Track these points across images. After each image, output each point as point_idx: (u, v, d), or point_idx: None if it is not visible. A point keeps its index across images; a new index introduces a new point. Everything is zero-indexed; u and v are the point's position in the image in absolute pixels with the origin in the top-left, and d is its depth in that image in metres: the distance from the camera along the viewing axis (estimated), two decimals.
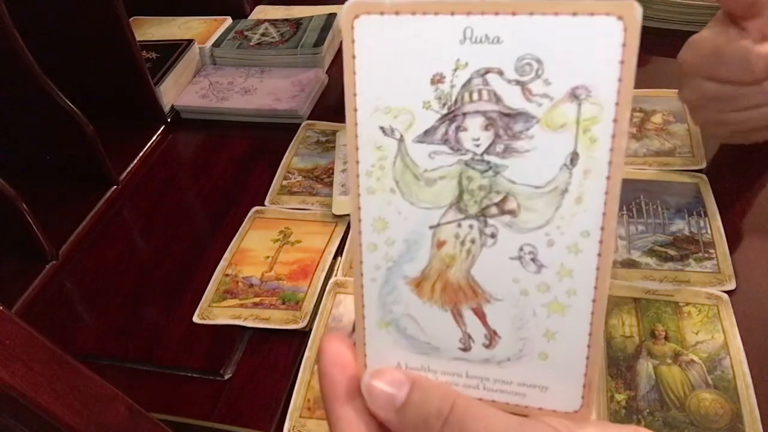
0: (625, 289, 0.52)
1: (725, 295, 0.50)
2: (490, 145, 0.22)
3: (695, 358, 0.47)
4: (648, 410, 0.44)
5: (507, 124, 0.22)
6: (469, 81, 0.22)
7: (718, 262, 0.53)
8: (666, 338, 0.48)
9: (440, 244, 0.24)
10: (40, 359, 0.32)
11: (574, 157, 0.21)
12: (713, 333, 0.48)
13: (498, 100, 0.21)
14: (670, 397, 0.45)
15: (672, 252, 0.54)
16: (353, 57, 0.22)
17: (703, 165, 0.62)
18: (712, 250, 0.54)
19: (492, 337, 0.24)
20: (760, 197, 0.59)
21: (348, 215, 0.62)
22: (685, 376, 0.46)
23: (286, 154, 0.72)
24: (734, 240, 0.55)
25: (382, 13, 0.22)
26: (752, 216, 0.58)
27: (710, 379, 0.45)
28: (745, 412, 0.43)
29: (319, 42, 0.84)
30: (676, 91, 0.71)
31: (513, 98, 0.21)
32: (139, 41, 0.74)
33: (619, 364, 0.47)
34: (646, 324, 0.49)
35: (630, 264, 0.54)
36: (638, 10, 0.20)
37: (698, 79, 0.52)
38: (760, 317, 0.49)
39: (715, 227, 0.56)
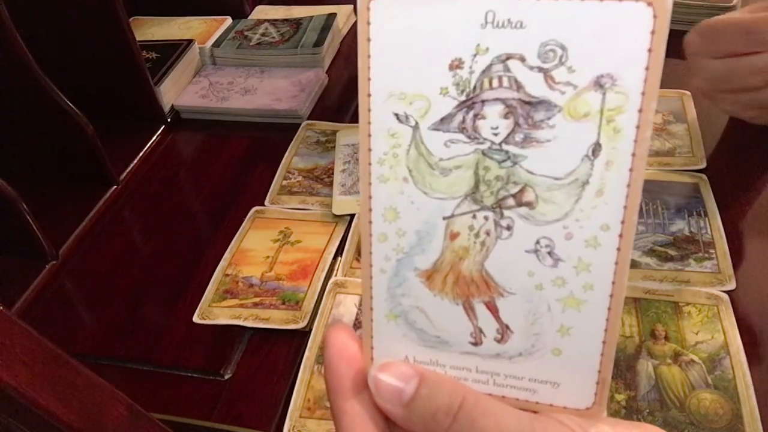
0: (625, 289, 0.52)
1: (725, 295, 0.50)
2: (509, 134, 0.21)
3: (695, 358, 0.47)
4: (648, 410, 0.44)
5: (528, 112, 0.21)
6: (489, 67, 0.21)
7: (718, 262, 0.53)
8: (666, 338, 0.48)
9: (453, 236, 0.23)
10: (40, 359, 0.32)
11: (596, 148, 0.21)
12: (713, 333, 0.48)
13: (519, 87, 0.21)
14: (670, 397, 0.45)
15: (672, 252, 0.54)
16: (368, 40, 0.21)
17: (703, 165, 0.62)
18: (712, 250, 0.54)
19: (504, 331, 0.24)
20: (760, 197, 0.59)
21: (348, 215, 0.62)
22: (685, 376, 0.46)
23: (286, 154, 0.71)
24: (734, 240, 0.55)
25: None
26: (752, 216, 0.58)
27: (710, 379, 0.45)
28: (745, 412, 0.43)
29: (319, 42, 0.84)
30: (677, 91, 0.71)
31: (535, 86, 0.21)
32: (139, 41, 0.74)
33: (619, 364, 0.47)
34: (646, 324, 0.49)
35: (630, 264, 0.53)
36: None
37: (703, 60, 0.52)
38: (760, 317, 0.49)
39: (715, 227, 0.56)
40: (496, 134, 0.21)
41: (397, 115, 0.22)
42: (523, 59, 0.20)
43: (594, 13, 0.19)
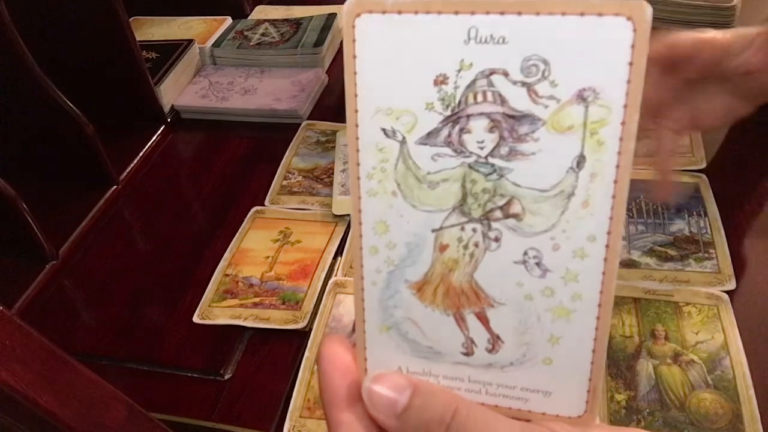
0: (625, 289, 0.52)
1: (725, 295, 0.50)
2: (494, 148, 0.22)
3: (695, 358, 0.47)
4: (648, 410, 0.44)
5: (512, 126, 0.21)
6: (473, 82, 0.21)
7: (718, 262, 0.53)
8: (666, 338, 0.48)
9: (443, 248, 0.23)
10: (40, 359, 0.32)
11: (580, 161, 0.21)
12: (713, 333, 0.48)
13: (503, 101, 0.21)
14: (670, 397, 0.45)
15: (672, 252, 0.54)
16: (354, 57, 0.22)
17: (703, 165, 0.62)
18: (712, 250, 0.54)
19: (495, 341, 0.24)
20: (760, 197, 0.59)
21: (348, 215, 0.62)
22: (685, 376, 0.46)
23: (286, 154, 0.72)
24: (734, 240, 0.55)
25: (384, 12, 0.21)
26: (752, 216, 0.58)
27: (710, 379, 0.45)
28: (745, 412, 0.43)
29: (319, 42, 0.84)
30: None
31: (518, 100, 0.21)
32: (139, 41, 0.74)
33: (619, 364, 0.47)
34: (646, 324, 0.49)
35: (630, 264, 0.54)
36: (648, 11, 0.19)
37: None
38: (760, 317, 0.49)
39: (715, 227, 0.56)
40: (481, 148, 0.22)
41: (384, 130, 0.22)
42: (506, 74, 0.21)
43: (575, 28, 0.20)
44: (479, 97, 0.21)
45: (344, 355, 0.25)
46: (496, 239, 0.23)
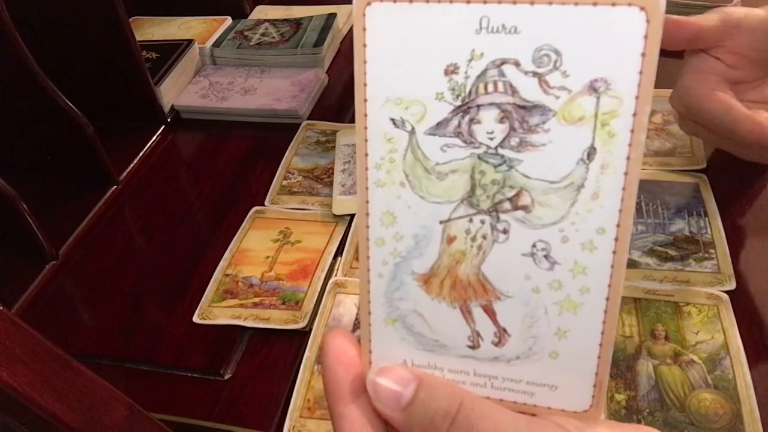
0: (625, 289, 0.51)
1: (725, 295, 0.50)
2: (504, 139, 0.22)
3: (695, 358, 0.47)
4: (648, 410, 0.44)
5: (523, 116, 0.21)
6: (484, 72, 0.21)
7: (718, 262, 0.53)
8: (666, 338, 0.48)
9: (450, 240, 0.23)
10: (40, 359, 0.32)
11: (591, 152, 0.21)
12: (713, 333, 0.48)
13: (514, 92, 0.21)
14: (670, 397, 0.45)
15: (672, 252, 0.54)
16: (364, 46, 0.22)
17: (703, 165, 0.62)
18: (712, 250, 0.54)
19: (501, 335, 0.24)
20: (760, 197, 0.59)
21: (348, 215, 0.62)
22: (685, 376, 0.46)
23: (286, 154, 0.72)
24: (734, 240, 0.55)
25: (395, 1, 0.21)
26: (752, 216, 0.58)
27: (710, 379, 0.45)
28: (745, 412, 0.43)
29: (319, 42, 0.84)
30: None
31: (529, 90, 0.21)
32: (139, 41, 0.74)
33: (619, 364, 0.47)
34: (646, 324, 0.49)
35: (630, 264, 0.53)
36: (662, 1, 0.19)
37: (690, 122, 0.54)
38: (760, 317, 0.49)
39: (715, 227, 0.56)
40: (491, 138, 0.22)
41: (393, 120, 0.22)
42: (517, 64, 0.21)
43: (587, 17, 0.20)
44: (490, 87, 0.21)
45: (349, 348, 0.25)
46: (505, 231, 0.22)
